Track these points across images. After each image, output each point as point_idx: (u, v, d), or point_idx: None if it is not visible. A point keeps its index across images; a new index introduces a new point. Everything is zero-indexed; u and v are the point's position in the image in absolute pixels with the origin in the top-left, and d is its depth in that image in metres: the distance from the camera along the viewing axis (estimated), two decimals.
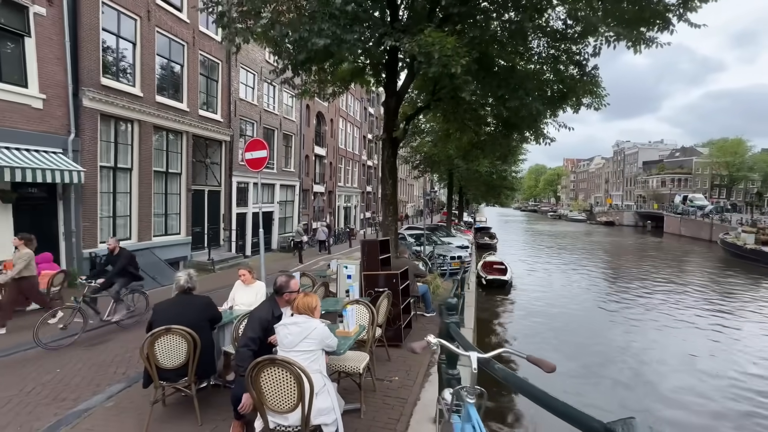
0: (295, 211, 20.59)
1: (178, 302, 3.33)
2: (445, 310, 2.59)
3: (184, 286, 3.39)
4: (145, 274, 10.11)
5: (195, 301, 3.39)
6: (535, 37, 7.25)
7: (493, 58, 7.07)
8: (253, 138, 6.42)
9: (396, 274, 4.75)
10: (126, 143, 10.73)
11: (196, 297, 3.46)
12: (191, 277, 3.43)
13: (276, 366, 2.28)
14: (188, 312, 3.26)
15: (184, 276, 3.41)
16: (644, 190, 68.87)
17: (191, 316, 3.25)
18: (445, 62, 5.23)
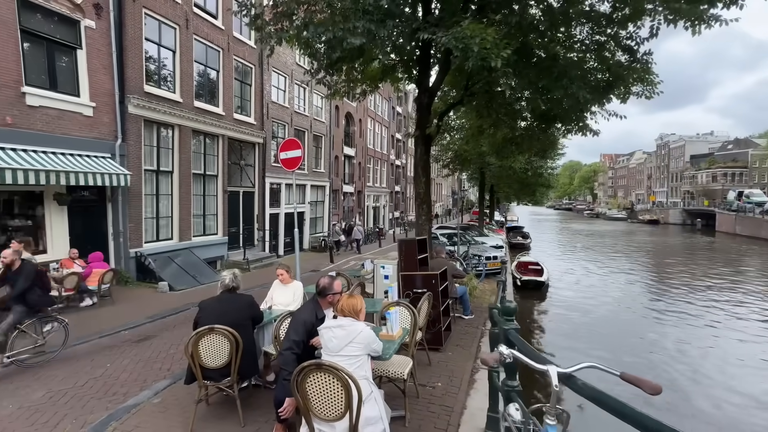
0: (326, 211, 20.80)
1: (223, 300, 3.33)
2: (501, 315, 2.37)
3: (229, 285, 3.39)
4: (186, 273, 10.51)
5: (238, 300, 3.38)
6: (578, 23, 6.80)
7: (533, 48, 6.69)
8: (287, 138, 6.43)
9: (435, 274, 4.55)
10: (167, 147, 11.20)
11: (240, 296, 3.45)
12: (236, 276, 3.42)
13: (323, 372, 2.17)
14: (232, 310, 3.25)
15: (229, 275, 3.41)
16: (692, 185, 64.15)
17: (235, 315, 3.23)
18: (484, 55, 4.96)
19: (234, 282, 3.39)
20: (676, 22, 5.63)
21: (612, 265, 21.90)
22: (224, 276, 3.42)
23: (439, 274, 4.56)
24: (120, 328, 6.79)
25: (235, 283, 3.40)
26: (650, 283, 17.24)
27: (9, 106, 7.53)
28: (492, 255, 11.15)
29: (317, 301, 2.85)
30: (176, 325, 6.97)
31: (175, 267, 10.63)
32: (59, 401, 3.98)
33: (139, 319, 7.28)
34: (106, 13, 9.21)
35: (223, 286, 3.40)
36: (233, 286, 3.40)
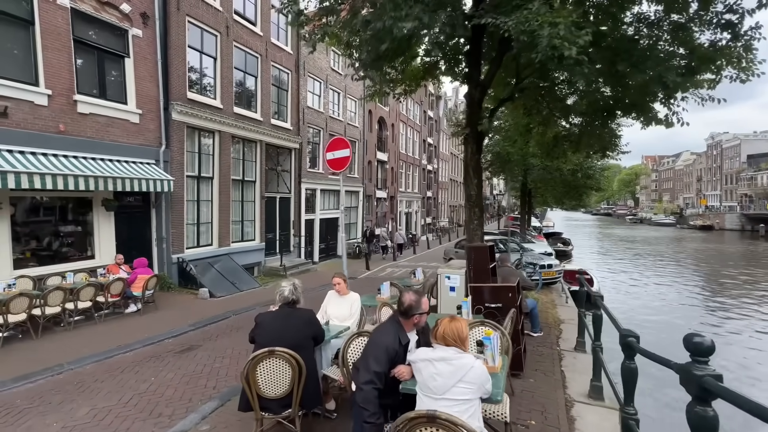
0: (359, 217, 20.47)
1: (282, 316, 2.88)
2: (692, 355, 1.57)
3: (288, 297, 2.94)
4: (225, 280, 10.37)
5: (299, 316, 2.91)
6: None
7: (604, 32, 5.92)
8: (335, 137, 6.04)
9: (513, 287, 3.92)
10: (208, 153, 11.22)
11: (300, 311, 2.99)
12: (296, 288, 2.97)
13: (436, 428, 1.62)
14: (292, 328, 2.79)
15: (288, 287, 2.96)
16: (751, 188, 58.75)
17: (295, 334, 2.77)
18: (556, 44, 4.30)
19: (294, 294, 2.94)
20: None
21: (671, 276, 20.02)
22: (283, 288, 2.98)
23: (516, 286, 3.92)
24: (163, 336, 6.60)
25: (294, 295, 2.94)
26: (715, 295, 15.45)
27: (62, 114, 7.67)
28: (547, 263, 10.24)
29: (399, 323, 2.32)
30: (218, 335, 6.69)
31: (214, 273, 10.54)
32: (103, 420, 3.68)
33: (181, 327, 7.09)
34: (152, 22, 9.34)
35: (282, 299, 2.96)
36: (293, 299, 2.94)
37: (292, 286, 2.96)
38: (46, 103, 7.41)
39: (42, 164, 7.01)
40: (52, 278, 7.39)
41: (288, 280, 3.06)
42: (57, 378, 4.86)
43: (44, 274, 7.49)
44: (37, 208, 7.85)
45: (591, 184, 15.83)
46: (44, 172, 6.81)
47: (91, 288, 6.83)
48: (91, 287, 6.83)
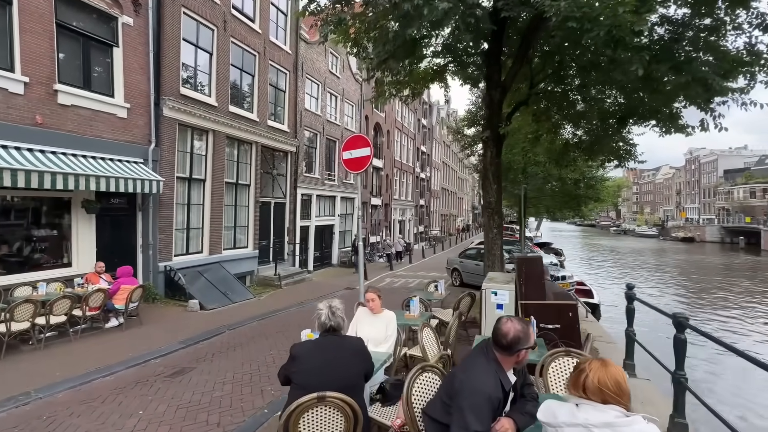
0: (355, 224, 19.82)
1: (324, 348, 2.24)
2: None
3: (325, 323, 2.31)
4: (217, 290, 9.58)
5: (345, 346, 2.28)
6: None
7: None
8: (353, 135, 5.47)
9: (573, 305, 3.41)
10: (200, 153, 10.48)
11: (346, 340, 2.37)
12: (333, 311, 2.34)
13: None
14: (339, 363, 2.17)
15: (326, 310, 2.33)
16: (728, 201, 60.85)
17: (344, 371, 2.15)
18: (619, 22, 3.90)
19: (333, 319, 2.32)
20: None
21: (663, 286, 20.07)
22: (320, 311, 2.35)
23: (575, 304, 3.42)
24: (150, 355, 5.81)
25: (333, 320, 2.32)
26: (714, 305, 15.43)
27: (40, 104, 6.87)
28: (561, 275, 9.84)
29: (497, 361, 1.75)
30: (214, 354, 5.93)
31: (205, 283, 9.71)
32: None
33: (170, 345, 6.29)
34: (144, 10, 8.65)
35: (320, 326, 2.33)
36: (332, 325, 2.31)
37: (328, 310, 2.33)
38: (21, 92, 6.62)
39: (14, 159, 6.20)
40: (20, 289, 6.51)
41: (326, 301, 2.43)
42: (22, 410, 4.06)
43: (11, 283, 6.60)
44: (6, 209, 6.97)
45: (591, 195, 15.69)
46: (17, 167, 6.00)
47: (66, 300, 5.98)
48: (66, 299, 5.98)
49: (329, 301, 2.41)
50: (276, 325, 7.77)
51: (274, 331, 7.19)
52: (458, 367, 1.85)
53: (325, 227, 17.18)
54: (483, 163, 7.28)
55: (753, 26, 5.42)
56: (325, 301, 2.42)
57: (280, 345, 6.23)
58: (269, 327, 7.60)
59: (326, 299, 2.45)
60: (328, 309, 2.33)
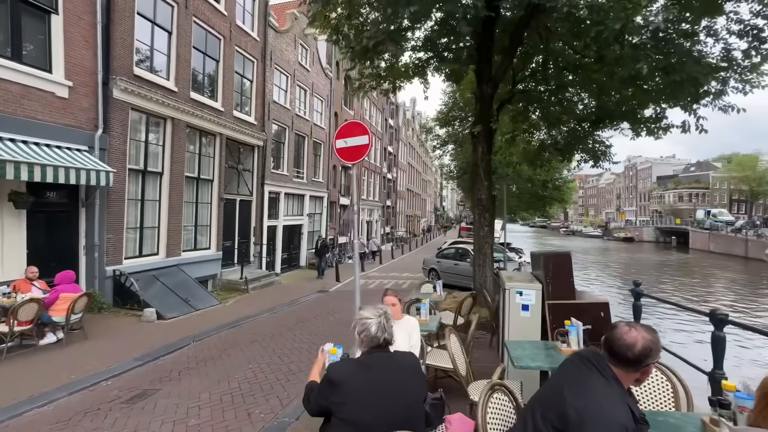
0: (323, 224, 19.09)
1: (375, 370, 1.73)
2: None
3: (377, 337, 1.80)
4: (177, 297, 8.56)
5: (401, 367, 1.78)
6: None
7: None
8: (348, 121, 4.95)
9: (606, 303, 3.20)
10: (157, 143, 9.34)
11: (398, 357, 1.87)
12: (383, 320, 1.83)
13: None
14: (397, 390, 1.68)
15: (375, 319, 1.81)
16: (660, 205, 67.39)
17: (404, 399, 1.67)
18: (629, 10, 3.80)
19: (387, 331, 1.82)
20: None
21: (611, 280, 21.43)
22: (367, 321, 1.82)
23: (607, 303, 3.21)
24: (100, 376, 4.88)
25: (388, 332, 1.82)
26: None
27: None
28: None
29: (618, 380, 1.38)
30: (180, 371, 5.12)
31: (162, 288, 8.63)
32: None
33: (124, 362, 5.37)
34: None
35: (368, 341, 1.82)
36: (385, 339, 1.81)
37: (381, 319, 1.83)
38: None
39: None
40: None
41: (370, 308, 1.92)
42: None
43: None
44: None
45: (557, 196, 16.32)
46: None
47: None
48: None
49: (377, 308, 1.90)
50: (249, 333, 7.00)
51: (249, 341, 6.45)
52: (557, 389, 1.46)
53: (293, 227, 16.31)
54: (473, 160, 7.09)
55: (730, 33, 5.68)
56: (369, 307, 1.92)
57: (260, 357, 5.54)
58: (241, 336, 6.82)
59: (370, 306, 1.95)
60: (382, 317, 1.82)
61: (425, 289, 6.00)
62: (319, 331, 7.00)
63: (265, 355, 5.61)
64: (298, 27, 15.69)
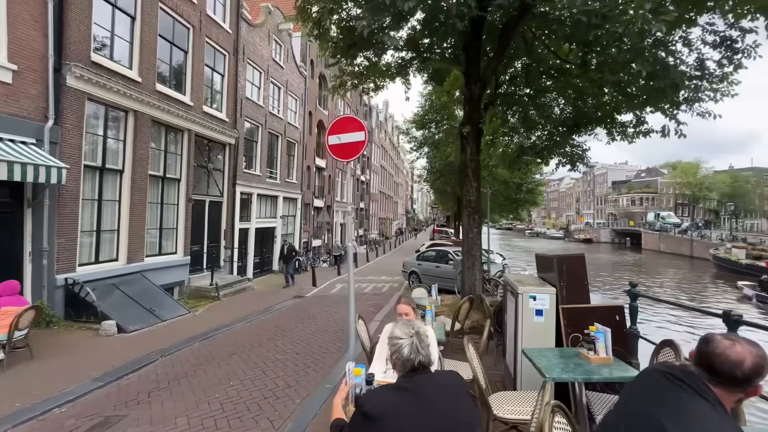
0: (297, 227, 18.44)
1: (420, 395, 1.43)
2: None
3: (411, 359, 1.51)
4: (139, 306, 7.80)
5: (447, 392, 1.50)
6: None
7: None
8: (341, 116, 4.62)
9: (620, 307, 3.12)
10: (117, 138, 8.51)
11: (441, 379, 1.57)
12: (422, 338, 1.55)
13: None
14: (448, 419, 1.41)
15: (407, 339, 1.52)
16: (615, 208, 71.91)
17: (455, 428, 1.41)
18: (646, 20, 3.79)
19: (422, 351, 1.53)
20: None
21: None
22: (398, 341, 1.53)
23: (621, 306, 3.14)
24: (51, 403, 4.23)
25: (423, 353, 1.53)
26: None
27: None
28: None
29: (721, 403, 1.20)
30: (150, 392, 4.55)
31: (123, 298, 7.82)
32: None
33: (81, 384, 4.71)
34: None
35: (401, 364, 1.53)
36: (421, 361, 1.53)
37: (414, 339, 1.53)
38: None
39: None
40: None
41: (401, 325, 1.64)
42: None
43: None
44: None
45: (530, 198, 16.78)
46: None
47: None
48: None
49: (413, 324, 1.62)
50: (225, 345, 6.44)
51: (226, 354, 5.91)
52: (647, 416, 1.27)
53: (266, 230, 15.60)
54: (462, 161, 6.98)
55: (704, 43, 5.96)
56: (399, 324, 1.63)
57: (241, 372, 5.06)
58: (217, 348, 6.26)
59: (400, 322, 1.67)
60: (414, 337, 1.55)
61: (417, 294, 5.78)
62: (302, 340, 6.58)
63: (246, 370, 5.13)
64: (272, 21, 15.09)
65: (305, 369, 5.06)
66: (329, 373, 4.78)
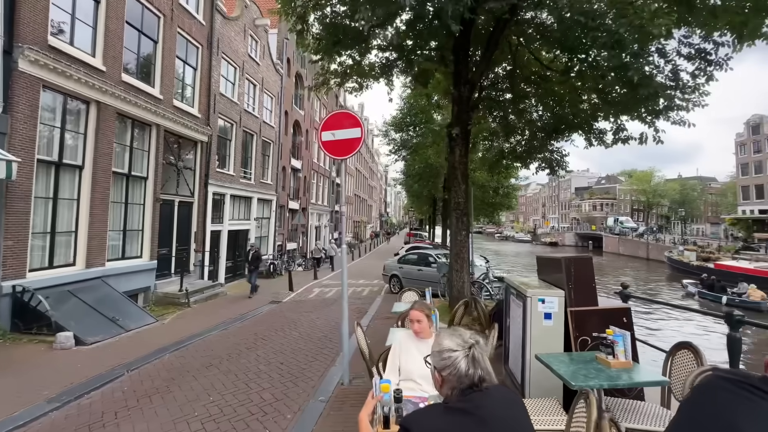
0: (271, 229, 17.80)
1: (478, 417, 1.23)
2: None
3: (469, 375, 1.31)
4: (101, 315, 7.13)
5: (505, 406, 1.30)
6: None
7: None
8: (335, 111, 4.36)
9: (628, 309, 3.10)
10: (77, 131, 7.77)
11: (497, 392, 1.36)
12: (476, 352, 1.34)
13: None
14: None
15: (462, 352, 1.33)
16: (578, 213, 75.65)
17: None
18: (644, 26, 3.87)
19: (479, 367, 1.33)
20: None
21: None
22: (451, 355, 1.32)
23: (629, 308, 3.12)
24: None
25: (482, 367, 1.34)
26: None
27: None
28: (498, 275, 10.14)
29: None
30: (118, 413, 4.07)
31: (81, 306, 7.10)
32: None
33: (34, 406, 4.16)
34: None
35: (458, 381, 1.33)
36: (481, 376, 1.33)
37: (468, 352, 1.33)
38: None
39: None
40: None
41: (450, 334, 1.45)
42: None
43: None
44: None
45: (505, 203, 17.15)
46: None
47: None
48: None
49: (459, 332, 1.44)
50: (199, 356, 5.97)
51: (202, 366, 5.46)
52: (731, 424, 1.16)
53: (239, 232, 14.90)
54: (450, 162, 6.92)
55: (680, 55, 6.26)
56: (448, 334, 1.44)
57: (221, 386, 4.65)
58: (191, 360, 5.78)
59: (448, 331, 1.48)
60: (473, 349, 1.35)
61: (409, 299, 5.60)
62: (285, 349, 6.22)
63: (227, 383, 4.73)
64: (248, 16, 14.55)
65: (293, 380, 4.74)
66: (319, 384, 4.49)
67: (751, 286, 17.08)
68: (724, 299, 16.62)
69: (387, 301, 10.50)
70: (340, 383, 4.33)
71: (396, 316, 5.28)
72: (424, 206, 24.50)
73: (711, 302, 17.18)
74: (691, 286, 19.76)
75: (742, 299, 16.16)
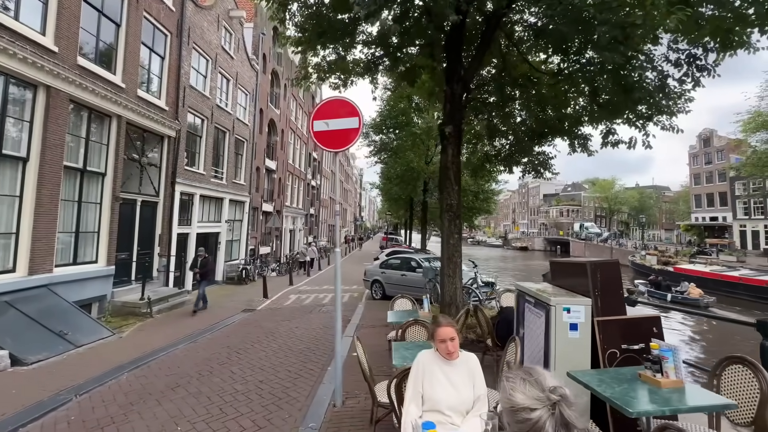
0: (244, 232, 16.86)
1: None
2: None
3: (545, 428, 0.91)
4: (44, 329, 6.23)
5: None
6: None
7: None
8: (329, 98, 3.88)
9: (658, 318, 2.85)
10: (21, 118, 6.81)
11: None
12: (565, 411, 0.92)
13: None
14: None
15: (543, 410, 0.91)
16: (546, 219, 78.54)
17: None
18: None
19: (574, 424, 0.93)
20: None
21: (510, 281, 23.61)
22: (533, 414, 0.91)
23: (659, 317, 2.87)
24: None
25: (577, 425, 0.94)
26: None
27: None
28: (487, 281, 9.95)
29: None
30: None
31: (21, 319, 6.15)
32: None
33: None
34: None
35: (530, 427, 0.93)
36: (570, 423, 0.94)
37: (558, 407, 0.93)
38: None
39: None
40: None
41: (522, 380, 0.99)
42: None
43: None
44: None
45: (485, 207, 17.19)
46: None
47: None
48: None
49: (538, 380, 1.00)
50: (164, 375, 5.25)
51: (167, 387, 4.77)
52: None
53: (209, 236, 13.93)
54: (443, 163, 6.61)
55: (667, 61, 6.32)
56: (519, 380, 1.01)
57: (190, 411, 4.02)
58: (154, 381, 5.06)
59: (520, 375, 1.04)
60: (559, 405, 0.95)
61: (402, 306, 5.19)
62: (264, 364, 5.61)
63: (197, 407, 4.10)
64: (222, 6, 13.76)
65: (276, 402, 4.18)
66: (308, 406, 3.97)
67: (690, 284, 18.71)
68: (668, 297, 18.20)
69: (369, 308, 10.04)
70: (332, 405, 3.84)
71: (391, 327, 4.86)
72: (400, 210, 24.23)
73: (657, 300, 18.44)
74: (642, 285, 21.42)
75: (684, 296, 17.74)
